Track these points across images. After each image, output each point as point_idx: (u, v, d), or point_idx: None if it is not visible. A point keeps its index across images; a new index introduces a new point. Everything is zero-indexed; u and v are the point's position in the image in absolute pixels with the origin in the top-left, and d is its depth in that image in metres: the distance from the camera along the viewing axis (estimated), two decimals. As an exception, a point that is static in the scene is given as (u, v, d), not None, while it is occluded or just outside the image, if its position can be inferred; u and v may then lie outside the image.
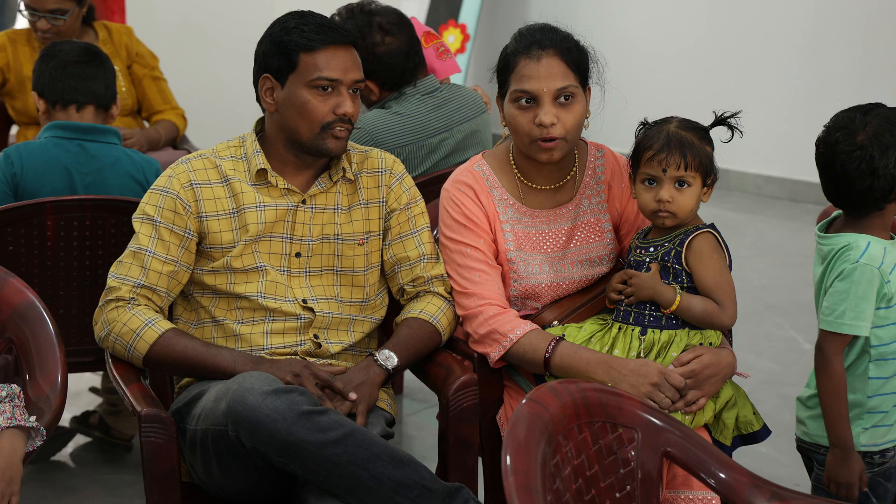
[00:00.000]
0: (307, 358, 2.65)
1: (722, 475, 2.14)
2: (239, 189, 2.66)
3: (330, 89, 2.62)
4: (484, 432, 2.67)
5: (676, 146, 2.52)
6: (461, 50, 7.55)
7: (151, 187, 2.68)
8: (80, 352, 3.26)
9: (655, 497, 2.15)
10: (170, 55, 5.00)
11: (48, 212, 3.15)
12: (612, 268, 2.77)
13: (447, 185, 2.75)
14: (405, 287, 2.75)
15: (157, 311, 2.62)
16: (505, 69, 2.66)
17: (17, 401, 2.28)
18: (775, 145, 7.02)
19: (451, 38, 7.57)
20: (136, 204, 2.71)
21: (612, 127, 3.24)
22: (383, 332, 2.87)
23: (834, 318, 2.51)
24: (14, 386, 2.31)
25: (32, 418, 2.26)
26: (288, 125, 2.64)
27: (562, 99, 2.60)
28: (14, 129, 4.50)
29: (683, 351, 2.55)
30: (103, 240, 3.23)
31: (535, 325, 2.63)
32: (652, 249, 2.59)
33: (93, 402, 4.09)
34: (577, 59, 2.62)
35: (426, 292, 2.74)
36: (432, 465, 2.58)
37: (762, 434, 2.62)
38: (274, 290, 2.65)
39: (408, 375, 4.01)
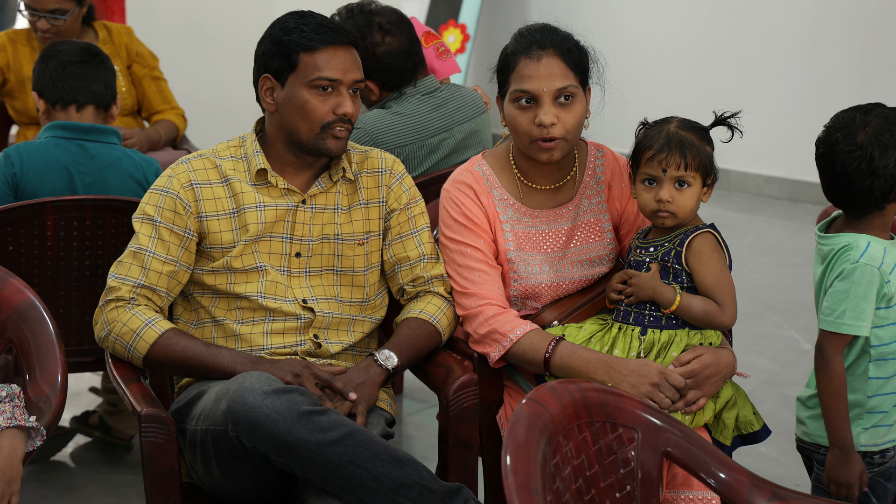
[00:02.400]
0: (307, 358, 2.65)
1: (722, 475, 2.14)
2: (239, 189, 2.66)
3: (330, 89, 2.62)
4: (484, 432, 2.67)
5: (676, 146, 2.52)
6: (461, 50, 7.55)
7: (151, 187, 2.68)
8: (80, 352, 3.26)
9: (655, 497, 2.15)
10: (170, 55, 5.00)
11: (48, 212, 3.15)
12: (612, 268, 2.77)
13: (447, 185, 2.74)
14: (405, 287, 2.75)
15: (157, 311, 2.62)
16: (505, 69, 2.66)
17: (17, 401, 2.28)
18: (775, 145, 7.02)
19: (451, 38, 7.57)
20: (136, 204, 2.71)
21: (612, 127, 3.24)
22: (383, 332, 2.87)
23: (834, 318, 2.51)
24: (14, 386, 2.31)
25: (32, 418, 2.26)
26: (288, 125, 2.64)
27: (562, 99, 2.60)
28: (14, 129, 4.50)
29: (683, 351, 2.55)
30: (103, 240, 3.22)
31: (535, 325, 2.62)
32: (652, 249, 2.59)
33: (93, 402, 4.09)
34: (577, 59, 2.62)
35: (426, 292, 2.74)
36: (432, 465, 2.58)
37: (762, 434, 2.62)
38: (274, 290, 2.65)
39: (408, 375, 4.01)
